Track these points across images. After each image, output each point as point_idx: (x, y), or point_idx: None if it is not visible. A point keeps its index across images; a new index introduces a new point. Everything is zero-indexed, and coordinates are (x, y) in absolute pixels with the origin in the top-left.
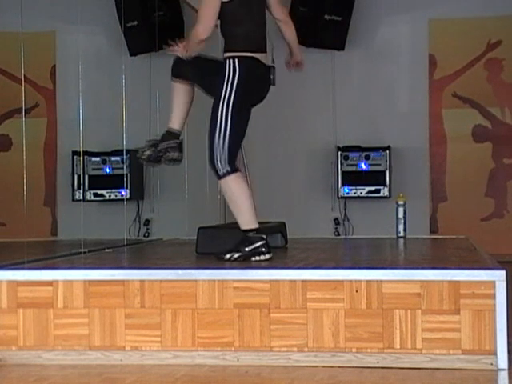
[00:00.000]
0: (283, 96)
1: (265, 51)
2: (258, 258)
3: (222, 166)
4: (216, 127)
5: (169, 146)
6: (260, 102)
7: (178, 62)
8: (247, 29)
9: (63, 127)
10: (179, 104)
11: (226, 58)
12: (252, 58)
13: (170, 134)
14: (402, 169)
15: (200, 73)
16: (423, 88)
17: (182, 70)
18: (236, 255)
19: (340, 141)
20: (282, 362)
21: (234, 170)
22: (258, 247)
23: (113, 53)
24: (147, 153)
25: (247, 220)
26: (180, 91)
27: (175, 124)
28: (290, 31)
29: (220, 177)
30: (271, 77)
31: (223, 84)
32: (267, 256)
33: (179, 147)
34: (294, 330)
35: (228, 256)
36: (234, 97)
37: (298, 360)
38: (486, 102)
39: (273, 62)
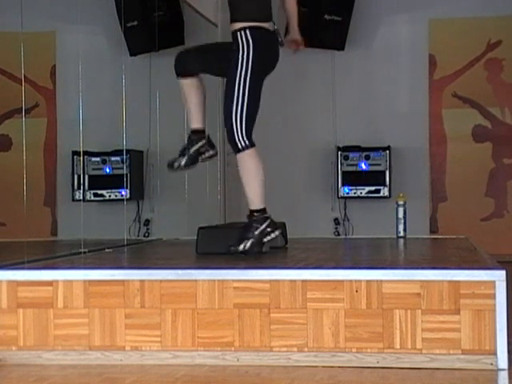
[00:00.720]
0: (283, 96)
1: (271, 20)
2: (268, 237)
3: (242, 139)
4: (233, 100)
5: (199, 146)
6: (273, 69)
7: (180, 58)
8: None
9: (63, 127)
10: (194, 102)
11: (236, 31)
12: (261, 27)
13: (196, 134)
14: (402, 169)
15: (205, 61)
16: (423, 88)
17: (186, 65)
18: (248, 243)
19: (340, 141)
20: (282, 362)
21: (252, 143)
22: (265, 228)
23: (113, 53)
24: (183, 162)
25: (257, 201)
26: (191, 89)
27: (197, 123)
28: (292, 1)
29: (239, 150)
30: (279, 39)
31: (238, 57)
32: (277, 233)
33: (209, 144)
34: (294, 329)
35: (242, 247)
36: (252, 68)
37: (298, 360)
38: (486, 102)
39: (274, 24)
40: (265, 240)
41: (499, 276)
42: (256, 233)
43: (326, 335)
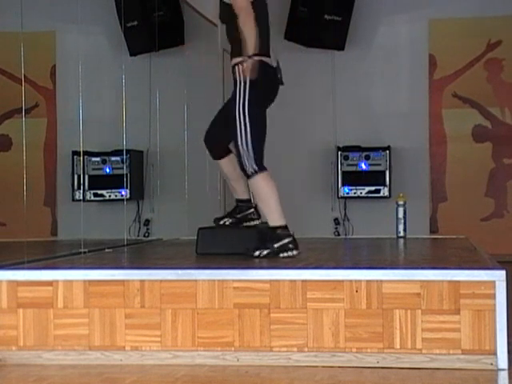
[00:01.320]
0: (283, 96)
1: (269, 54)
2: (285, 254)
3: (250, 166)
4: (237, 133)
5: (248, 213)
6: (272, 102)
7: (212, 142)
8: (257, 33)
9: (63, 127)
10: (235, 177)
11: (235, 65)
12: (261, 61)
13: (244, 203)
14: (402, 169)
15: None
16: (423, 88)
17: (221, 148)
18: (265, 252)
19: (340, 141)
20: (282, 362)
21: (261, 169)
22: (287, 244)
23: (113, 53)
24: (227, 222)
25: (276, 217)
26: (229, 165)
27: (243, 194)
28: None
29: (249, 176)
30: (279, 76)
31: (236, 90)
32: (295, 252)
33: (257, 213)
34: (294, 329)
35: (257, 253)
36: (248, 100)
37: (298, 360)
38: (486, 102)
39: (277, 62)
40: (281, 255)
41: (499, 276)
42: (276, 246)
43: (326, 335)
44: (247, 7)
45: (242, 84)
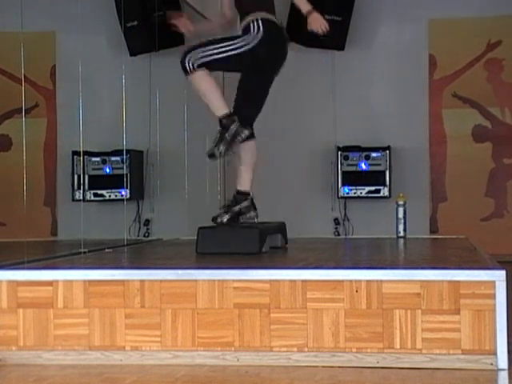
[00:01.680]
0: (283, 96)
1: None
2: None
3: (188, 64)
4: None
5: (243, 207)
6: (281, 66)
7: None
8: None
9: (63, 127)
10: (246, 165)
11: (247, 23)
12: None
13: (241, 195)
14: (402, 169)
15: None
16: (423, 88)
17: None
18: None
19: (340, 141)
20: (282, 362)
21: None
22: (235, 129)
23: (113, 53)
24: (225, 219)
25: (218, 107)
26: (248, 150)
27: (244, 186)
28: None
29: (187, 73)
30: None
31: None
32: (247, 132)
33: (253, 206)
34: (294, 329)
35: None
36: (251, 50)
37: (298, 360)
38: (486, 102)
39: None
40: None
41: (499, 276)
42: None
43: (326, 335)
44: None
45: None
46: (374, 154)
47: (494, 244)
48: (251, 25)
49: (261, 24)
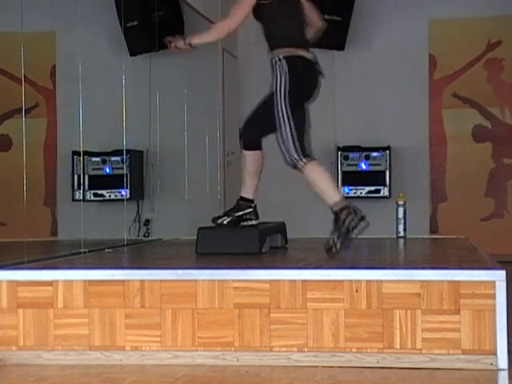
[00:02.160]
0: None
1: (307, 47)
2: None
3: (299, 159)
4: (279, 125)
5: (245, 213)
6: (313, 93)
7: (246, 131)
8: (287, 27)
9: (63, 127)
10: (252, 172)
11: (272, 59)
12: (296, 55)
13: (245, 201)
14: (402, 169)
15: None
16: (423, 88)
17: (253, 138)
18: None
19: (340, 141)
20: (282, 362)
21: (308, 157)
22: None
23: (113, 53)
24: (225, 221)
25: (334, 192)
26: (253, 160)
27: (249, 193)
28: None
29: (299, 169)
30: (318, 68)
31: (275, 83)
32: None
33: (255, 213)
34: (294, 329)
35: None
36: (288, 91)
37: (298, 360)
38: (486, 102)
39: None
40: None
41: (499, 276)
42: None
43: (326, 335)
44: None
45: (279, 75)
46: (374, 154)
47: (494, 244)
48: (274, 63)
49: (284, 63)
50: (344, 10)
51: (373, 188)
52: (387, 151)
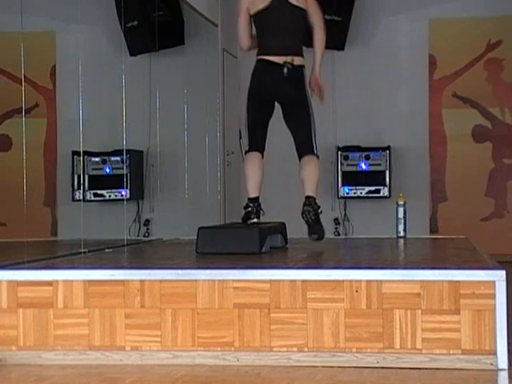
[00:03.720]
0: None
1: (283, 54)
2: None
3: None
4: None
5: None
6: (275, 94)
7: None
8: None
9: (63, 127)
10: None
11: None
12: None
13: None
14: (402, 169)
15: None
16: (423, 88)
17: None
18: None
19: (340, 141)
20: (282, 362)
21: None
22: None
23: (113, 53)
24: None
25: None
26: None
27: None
28: (316, 39)
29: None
30: (284, 71)
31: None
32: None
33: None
34: (294, 329)
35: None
36: (249, 89)
37: (298, 360)
38: (486, 102)
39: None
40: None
41: (499, 276)
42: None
43: (325, 335)
44: None
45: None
46: (373, 154)
47: (494, 244)
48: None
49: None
50: (344, 10)
51: (373, 188)
52: (387, 151)
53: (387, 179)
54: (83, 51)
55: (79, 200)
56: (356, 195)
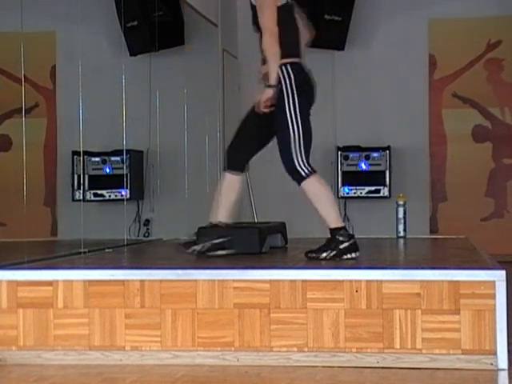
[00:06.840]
0: None
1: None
2: (349, 255)
3: (304, 167)
4: (289, 133)
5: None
6: (314, 101)
7: (230, 155)
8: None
9: (63, 127)
10: (230, 200)
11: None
12: (297, 62)
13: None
14: (402, 169)
15: (252, 144)
16: (423, 88)
17: (238, 159)
18: (332, 254)
19: (340, 141)
20: (282, 362)
21: (313, 170)
22: (350, 245)
23: (113, 53)
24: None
25: (334, 218)
26: (233, 184)
27: (225, 218)
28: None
29: (303, 177)
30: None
31: (283, 91)
32: (358, 254)
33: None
34: (294, 329)
35: (324, 255)
36: (298, 99)
37: (298, 360)
38: (486, 102)
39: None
40: (345, 257)
41: (499, 276)
42: (341, 247)
43: (325, 335)
44: (273, 28)
45: (288, 82)
46: (374, 154)
47: (494, 244)
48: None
49: (290, 69)
50: (344, 10)
51: (373, 188)
52: (387, 151)
53: (387, 179)
54: (83, 51)
55: (79, 200)
56: (356, 195)
